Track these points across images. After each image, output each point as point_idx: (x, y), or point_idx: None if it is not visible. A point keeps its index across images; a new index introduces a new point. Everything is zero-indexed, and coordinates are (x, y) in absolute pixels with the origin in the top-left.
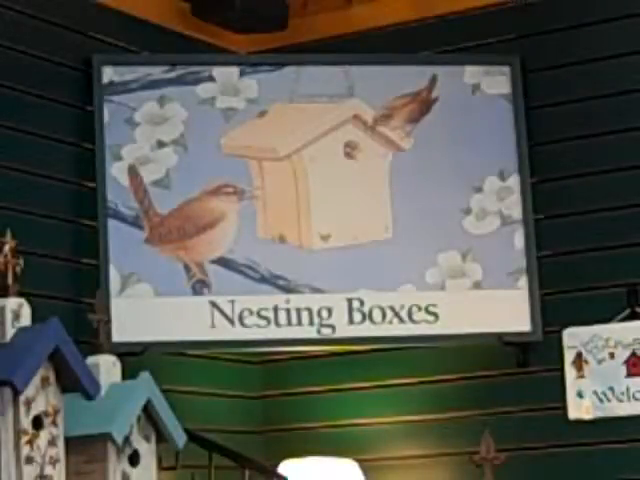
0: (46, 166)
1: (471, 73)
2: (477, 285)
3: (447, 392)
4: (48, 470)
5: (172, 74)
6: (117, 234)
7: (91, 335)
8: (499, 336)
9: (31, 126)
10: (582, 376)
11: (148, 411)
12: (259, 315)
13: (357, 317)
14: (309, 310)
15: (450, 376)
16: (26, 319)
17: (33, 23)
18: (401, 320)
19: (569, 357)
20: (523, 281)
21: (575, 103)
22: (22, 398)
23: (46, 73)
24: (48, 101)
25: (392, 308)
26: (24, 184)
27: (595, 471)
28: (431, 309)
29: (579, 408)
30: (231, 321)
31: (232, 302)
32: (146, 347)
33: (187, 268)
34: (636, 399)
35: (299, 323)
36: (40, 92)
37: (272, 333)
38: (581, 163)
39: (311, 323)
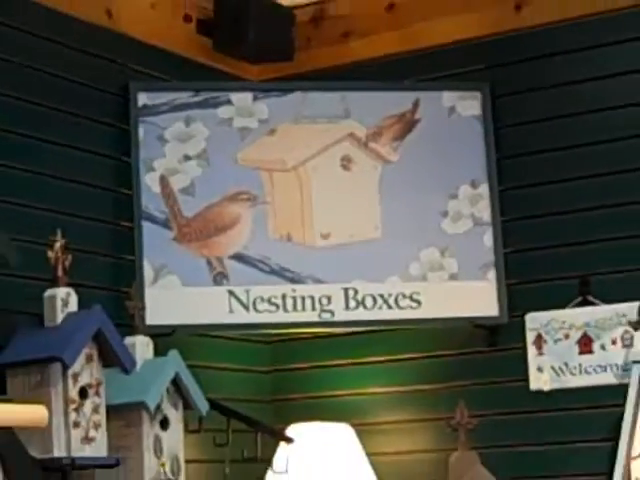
0: (91, 176)
1: (448, 98)
2: (453, 277)
3: (428, 367)
4: (92, 433)
5: (196, 99)
6: (150, 234)
7: (128, 319)
8: (471, 320)
9: (78, 142)
10: (541, 354)
11: (176, 383)
12: (270, 302)
13: (352, 304)
14: (312, 298)
15: (430, 353)
16: (73, 305)
17: (80, 56)
18: (389, 306)
19: (530, 337)
20: (492, 273)
21: (536, 123)
22: (70, 372)
23: (91, 98)
24: (92, 122)
25: (381, 296)
26: (72, 191)
27: (552, 434)
28: (414, 297)
29: (539, 380)
30: (246, 307)
31: (247, 291)
32: (175, 329)
33: (209, 262)
34: (587, 373)
35: (303, 309)
36: (86, 114)
37: (280, 317)
38: (541, 174)
39: (313, 309)
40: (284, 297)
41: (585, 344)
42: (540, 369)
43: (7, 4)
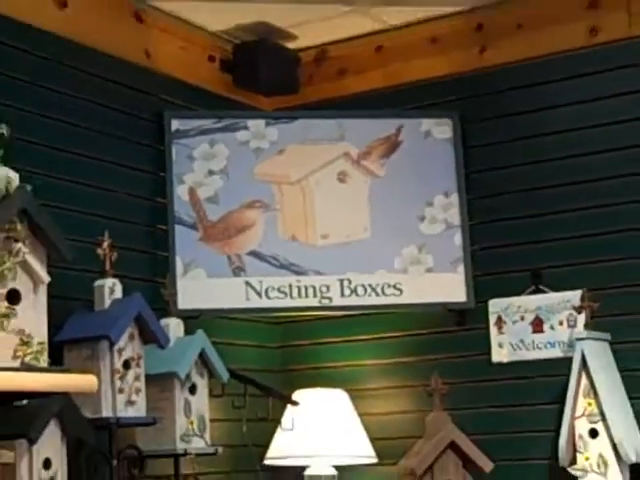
0: (132, 188)
1: (425, 124)
2: (429, 270)
3: (408, 343)
4: (134, 397)
5: (219, 124)
6: (181, 235)
7: (163, 304)
8: (444, 305)
9: (123, 160)
10: (502, 332)
11: (202, 356)
12: (279, 290)
13: (347, 292)
14: (313, 287)
15: (410, 332)
16: (118, 293)
17: (124, 90)
18: (377, 294)
19: (492, 319)
20: (461, 267)
21: (498, 144)
22: (116, 348)
23: (133, 124)
24: (134, 143)
25: (370, 285)
26: (118, 200)
27: (510, 398)
28: (398, 286)
29: (499, 354)
30: (260, 295)
31: (261, 282)
32: (201, 313)
33: (229, 258)
34: (539, 348)
35: (306, 296)
36: (129, 137)
37: (288, 303)
38: (502, 186)
39: (315, 296)
40: (291, 286)
41: (537, 325)
42: (500, 345)
43: (72, 53)
